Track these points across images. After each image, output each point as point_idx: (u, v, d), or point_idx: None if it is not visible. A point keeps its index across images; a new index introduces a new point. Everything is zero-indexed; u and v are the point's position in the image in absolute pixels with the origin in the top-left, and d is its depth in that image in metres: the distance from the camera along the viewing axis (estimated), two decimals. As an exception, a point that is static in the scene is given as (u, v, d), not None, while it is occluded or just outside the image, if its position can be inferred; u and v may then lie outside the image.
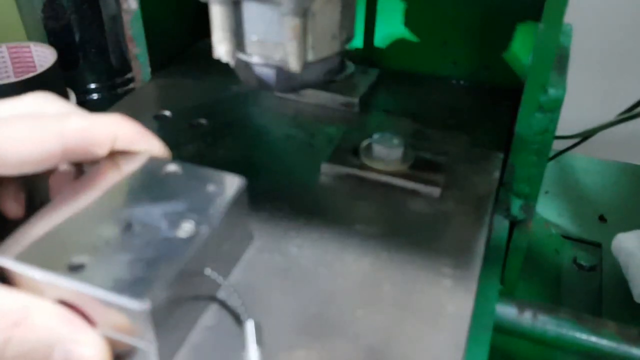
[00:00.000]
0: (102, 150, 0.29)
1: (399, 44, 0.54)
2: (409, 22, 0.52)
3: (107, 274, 0.24)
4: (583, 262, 0.58)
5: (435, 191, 0.38)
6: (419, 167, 0.39)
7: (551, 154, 0.46)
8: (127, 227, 0.26)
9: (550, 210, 0.66)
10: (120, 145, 0.30)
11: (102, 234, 0.26)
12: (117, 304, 0.23)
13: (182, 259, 0.25)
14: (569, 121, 0.53)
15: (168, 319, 0.25)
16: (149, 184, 0.29)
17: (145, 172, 0.30)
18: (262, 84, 0.36)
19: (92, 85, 0.79)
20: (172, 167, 0.30)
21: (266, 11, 0.32)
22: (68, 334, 0.23)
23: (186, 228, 0.26)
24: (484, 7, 0.49)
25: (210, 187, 0.29)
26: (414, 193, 0.38)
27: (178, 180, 0.30)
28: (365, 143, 0.41)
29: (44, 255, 0.25)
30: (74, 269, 0.24)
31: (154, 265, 0.24)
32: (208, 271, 0.27)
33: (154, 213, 0.27)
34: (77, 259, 0.24)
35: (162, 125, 0.45)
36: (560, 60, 0.42)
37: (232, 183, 0.30)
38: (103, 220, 0.27)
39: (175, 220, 0.27)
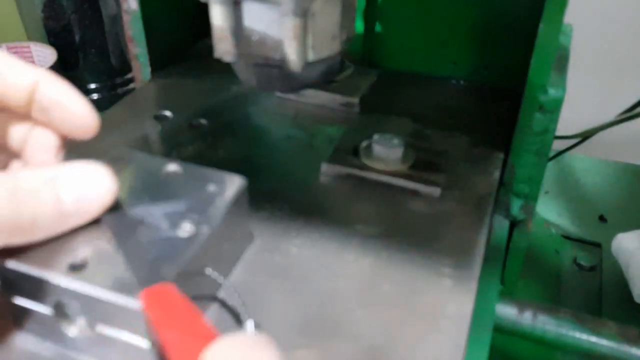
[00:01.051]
0: (18, 97, 0.26)
1: (399, 44, 0.54)
2: (409, 22, 0.52)
3: (108, 273, 0.24)
4: (583, 262, 0.58)
5: (436, 191, 0.38)
6: (419, 167, 0.39)
7: (551, 154, 0.46)
8: (129, 226, 0.26)
9: (550, 211, 0.66)
10: (40, 100, 0.27)
11: (103, 233, 0.26)
12: (118, 303, 0.23)
13: (183, 258, 0.25)
14: (569, 121, 0.53)
15: None
16: (149, 184, 0.29)
17: (145, 171, 0.30)
18: (262, 84, 0.36)
19: (92, 86, 0.79)
20: (172, 167, 0.30)
21: (266, 11, 0.32)
22: None
23: (186, 228, 0.26)
24: (484, 8, 0.49)
25: (211, 187, 0.29)
26: (414, 193, 0.38)
27: (178, 180, 0.30)
28: (365, 143, 0.41)
29: (44, 255, 0.24)
30: (74, 269, 0.24)
31: (155, 265, 0.24)
32: (209, 271, 0.27)
33: (154, 213, 0.27)
34: (78, 259, 0.24)
35: (163, 125, 0.45)
36: (560, 61, 0.42)
37: (232, 183, 0.30)
38: (103, 222, 0.27)
39: (175, 220, 0.27)
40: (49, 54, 0.71)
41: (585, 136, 0.59)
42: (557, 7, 0.35)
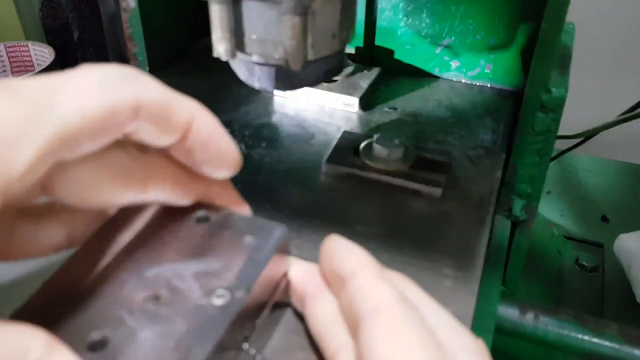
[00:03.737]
0: (174, 134, 0.23)
1: (399, 43, 0.53)
2: (409, 20, 0.52)
3: (132, 353, 0.20)
4: (585, 263, 0.58)
5: (437, 191, 0.37)
6: (419, 167, 0.39)
7: (553, 153, 0.46)
8: (154, 291, 0.23)
9: (552, 211, 0.65)
10: (193, 138, 0.23)
11: (126, 301, 0.22)
12: None
13: (217, 333, 0.21)
14: (571, 121, 0.53)
15: None
16: (178, 236, 0.25)
17: (173, 221, 0.26)
18: (261, 83, 0.36)
19: (91, 85, 0.78)
20: (203, 214, 0.26)
21: (266, 10, 0.32)
22: None
23: (220, 293, 0.23)
24: (486, 5, 0.49)
25: (248, 240, 0.25)
26: (415, 193, 0.38)
27: (211, 231, 0.26)
28: (365, 143, 0.40)
29: (60, 331, 0.21)
30: (95, 348, 0.21)
31: (184, 342, 0.21)
32: (246, 346, 0.24)
33: (184, 273, 0.24)
34: (98, 335, 0.21)
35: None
36: (562, 59, 0.42)
37: (272, 234, 0.26)
38: (127, 284, 0.23)
39: (208, 283, 0.23)
40: (47, 53, 0.71)
41: (587, 136, 0.58)
42: (560, 5, 0.34)
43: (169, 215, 0.26)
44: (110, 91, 0.20)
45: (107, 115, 0.20)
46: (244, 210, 0.28)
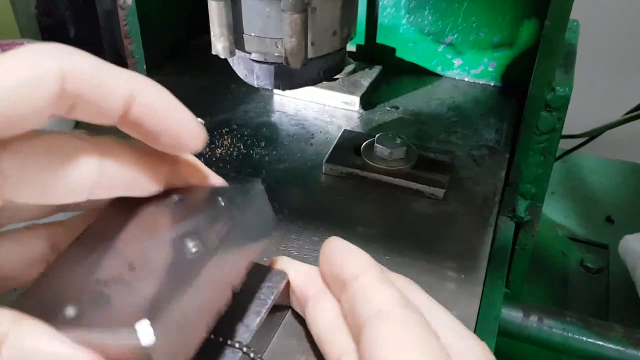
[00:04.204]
0: (112, 112, 0.21)
1: (401, 40, 0.53)
2: (411, 17, 0.52)
3: (106, 315, 0.21)
4: (590, 265, 0.58)
5: (439, 192, 0.37)
6: (422, 167, 0.38)
7: (557, 153, 0.45)
8: (129, 262, 0.23)
9: (556, 211, 0.65)
10: (137, 113, 0.22)
11: (102, 277, 0.23)
12: (117, 343, 0.20)
13: (190, 277, 0.21)
14: (576, 120, 0.52)
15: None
16: (153, 219, 0.25)
17: (148, 209, 0.26)
18: (260, 82, 0.35)
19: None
20: (177, 197, 0.26)
21: (265, 7, 0.31)
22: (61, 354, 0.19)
23: (194, 250, 0.23)
24: (489, 2, 0.49)
25: (223, 201, 0.25)
26: (417, 193, 0.37)
27: (186, 207, 0.25)
28: (367, 142, 0.40)
29: (37, 309, 0.21)
30: (70, 319, 0.21)
31: (159, 293, 0.21)
32: (245, 349, 0.24)
33: (159, 243, 0.24)
34: (72, 310, 0.21)
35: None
36: (567, 57, 0.41)
37: (247, 191, 0.26)
38: (102, 263, 0.23)
39: (182, 244, 0.23)
40: (45, 52, 0.70)
41: (592, 135, 0.58)
42: (564, 2, 0.34)
43: (145, 207, 0.26)
44: (33, 62, 0.20)
45: (29, 84, 0.19)
46: (218, 182, 0.27)
